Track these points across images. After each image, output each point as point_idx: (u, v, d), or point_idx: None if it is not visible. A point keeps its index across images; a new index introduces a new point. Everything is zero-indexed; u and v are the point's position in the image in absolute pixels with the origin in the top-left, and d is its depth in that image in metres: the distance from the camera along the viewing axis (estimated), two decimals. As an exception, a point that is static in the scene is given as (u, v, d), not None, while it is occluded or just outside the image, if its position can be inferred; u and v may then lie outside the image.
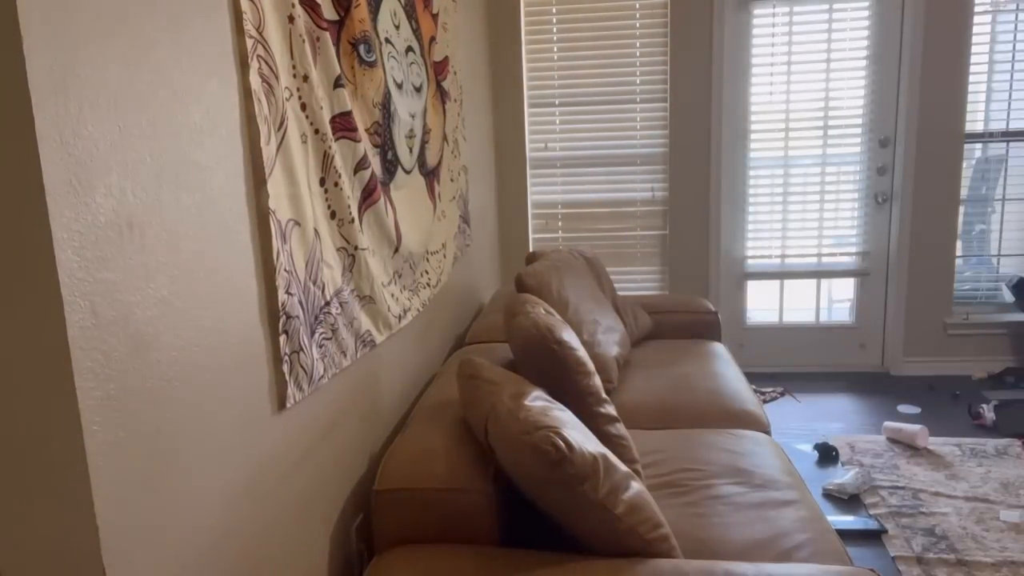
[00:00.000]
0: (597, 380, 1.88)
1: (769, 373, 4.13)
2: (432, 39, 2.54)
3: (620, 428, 1.84)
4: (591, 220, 4.11)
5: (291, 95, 1.43)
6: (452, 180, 2.82)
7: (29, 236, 0.84)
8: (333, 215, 1.63)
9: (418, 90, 2.34)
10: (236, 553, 1.24)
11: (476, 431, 1.64)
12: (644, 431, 2.27)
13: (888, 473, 2.89)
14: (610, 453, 1.48)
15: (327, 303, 1.58)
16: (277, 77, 1.36)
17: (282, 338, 1.37)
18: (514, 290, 2.61)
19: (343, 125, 1.67)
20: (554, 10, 3.91)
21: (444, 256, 2.65)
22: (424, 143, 2.40)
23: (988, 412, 3.35)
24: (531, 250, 3.80)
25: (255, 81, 1.29)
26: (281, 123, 1.38)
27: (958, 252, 3.94)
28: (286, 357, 1.39)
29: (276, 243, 1.35)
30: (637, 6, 3.87)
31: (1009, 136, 3.83)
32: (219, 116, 1.20)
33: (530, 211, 4.13)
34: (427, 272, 2.40)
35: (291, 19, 1.43)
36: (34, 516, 0.91)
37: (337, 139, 1.64)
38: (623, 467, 1.47)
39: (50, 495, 0.90)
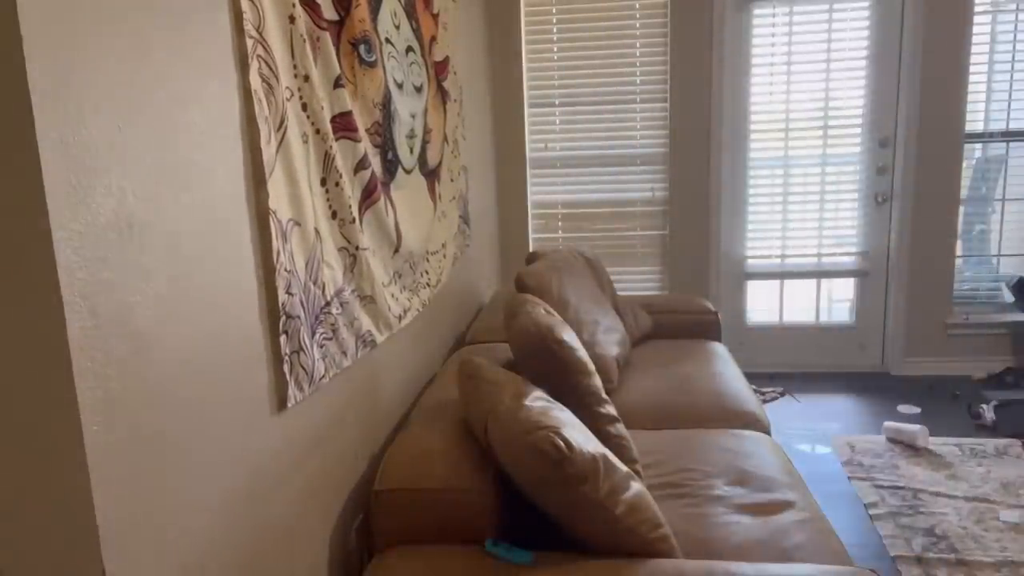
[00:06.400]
0: (597, 380, 1.88)
1: (769, 373, 4.13)
2: (432, 39, 2.53)
3: (620, 428, 1.84)
4: (591, 220, 4.11)
5: (292, 95, 1.43)
6: (452, 180, 2.82)
7: (29, 236, 0.84)
8: (334, 215, 1.63)
9: (418, 90, 2.34)
10: (236, 553, 1.24)
11: (476, 431, 1.64)
12: (644, 431, 2.27)
13: (888, 473, 2.89)
14: (610, 453, 1.48)
15: (328, 303, 1.58)
16: (277, 77, 1.36)
17: (282, 338, 1.37)
18: (514, 290, 2.61)
19: (343, 125, 1.67)
20: (554, 10, 3.91)
21: (444, 256, 2.65)
22: (425, 143, 2.40)
23: (988, 412, 3.35)
24: (531, 250, 3.80)
25: (255, 81, 1.29)
26: (281, 123, 1.38)
27: (958, 252, 3.94)
28: (286, 357, 1.39)
29: (276, 243, 1.35)
30: (637, 6, 3.87)
31: (1009, 136, 3.83)
32: (219, 116, 1.20)
33: (530, 211, 4.13)
34: (427, 272, 2.40)
35: (292, 19, 1.43)
36: (34, 516, 0.91)
37: (338, 139, 1.64)
38: (623, 467, 1.47)
39: (50, 495, 0.90)
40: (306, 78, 1.48)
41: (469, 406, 1.68)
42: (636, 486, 1.46)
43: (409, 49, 2.25)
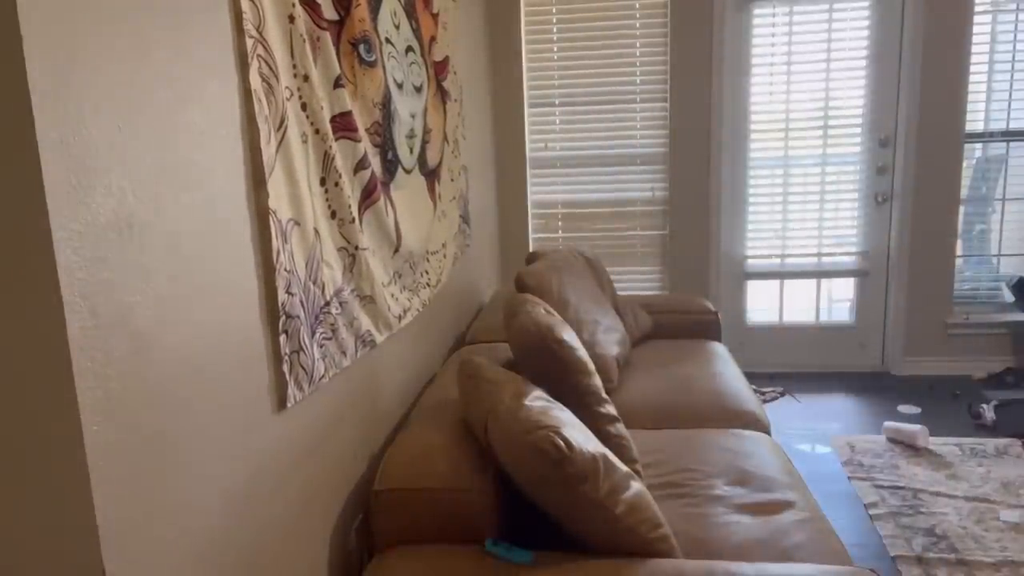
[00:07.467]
0: (597, 380, 1.88)
1: (769, 373, 4.13)
2: (432, 39, 2.53)
3: (620, 428, 1.84)
4: (591, 220, 4.11)
5: (292, 95, 1.43)
6: (452, 180, 2.82)
7: (29, 236, 0.84)
8: (334, 215, 1.63)
9: (418, 90, 2.34)
10: (236, 553, 1.24)
11: (476, 431, 1.64)
12: (644, 431, 2.27)
13: (888, 473, 2.89)
14: (610, 453, 1.48)
15: (327, 303, 1.58)
16: (277, 77, 1.36)
17: (282, 338, 1.37)
18: (514, 290, 2.61)
19: (343, 125, 1.67)
20: (554, 10, 3.91)
21: (444, 256, 2.65)
22: (424, 143, 2.40)
23: (988, 412, 3.35)
24: (531, 250, 3.80)
25: (255, 81, 1.29)
26: (281, 123, 1.38)
27: (958, 252, 3.94)
28: (286, 357, 1.39)
29: (276, 243, 1.35)
30: (637, 6, 3.87)
31: (1009, 136, 3.83)
32: (219, 116, 1.20)
33: (530, 211, 4.13)
34: (427, 272, 2.40)
35: (291, 19, 1.43)
36: (34, 516, 0.91)
37: (337, 139, 1.64)
38: (623, 467, 1.47)
39: (50, 495, 0.90)
40: (306, 78, 1.48)
41: (469, 406, 1.68)
42: (636, 486, 1.46)
43: (409, 49, 2.26)
